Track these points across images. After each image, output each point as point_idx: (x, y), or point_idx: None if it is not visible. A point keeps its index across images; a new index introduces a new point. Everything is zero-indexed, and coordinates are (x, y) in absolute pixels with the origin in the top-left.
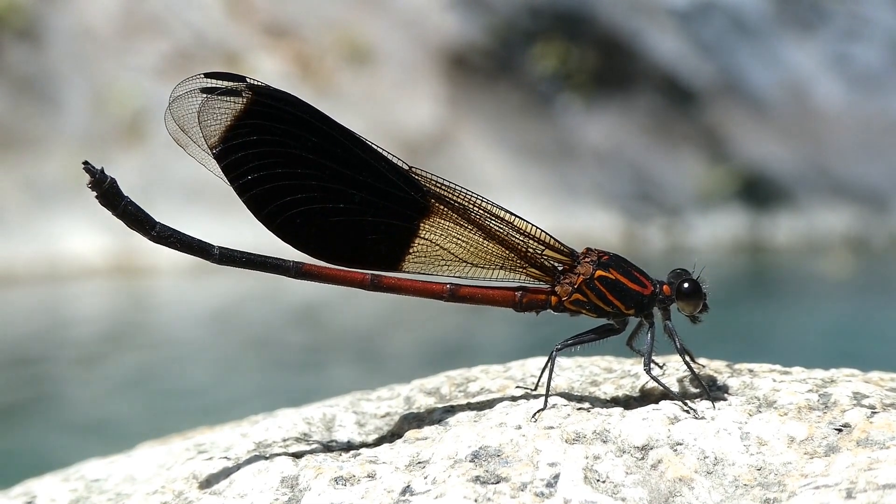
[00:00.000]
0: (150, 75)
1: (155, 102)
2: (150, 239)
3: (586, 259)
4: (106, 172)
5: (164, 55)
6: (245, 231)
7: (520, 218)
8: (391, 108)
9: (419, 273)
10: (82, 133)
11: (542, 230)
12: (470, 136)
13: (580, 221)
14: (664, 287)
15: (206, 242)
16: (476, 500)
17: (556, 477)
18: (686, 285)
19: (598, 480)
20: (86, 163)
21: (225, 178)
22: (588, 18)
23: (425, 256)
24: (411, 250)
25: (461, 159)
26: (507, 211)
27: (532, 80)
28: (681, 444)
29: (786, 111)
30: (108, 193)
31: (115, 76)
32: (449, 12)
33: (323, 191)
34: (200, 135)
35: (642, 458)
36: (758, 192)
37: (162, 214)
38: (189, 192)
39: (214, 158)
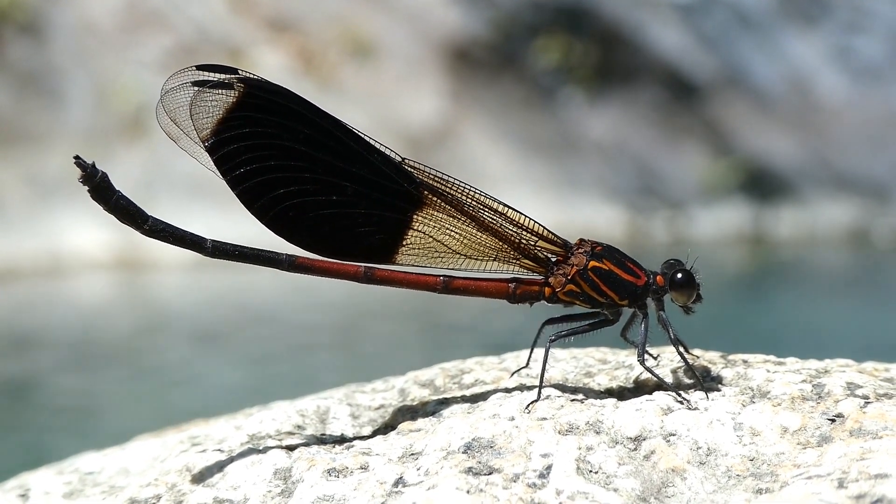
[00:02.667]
0: (153, 70)
1: (157, 97)
2: (142, 233)
3: (580, 250)
4: (97, 166)
5: (166, 50)
6: (247, 226)
7: (513, 209)
8: (394, 103)
9: (412, 265)
10: (85, 128)
11: (536, 221)
12: (473, 130)
13: (584, 215)
14: (657, 278)
15: (198, 236)
16: (468, 492)
17: (549, 468)
18: (679, 276)
19: (590, 471)
20: (77, 157)
21: (217, 172)
22: (590, 12)
23: (418, 248)
24: (404, 242)
25: (464, 153)
26: (500, 202)
27: (535, 73)
28: (674, 435)
29: (789, 104)
30: (100, 187)
31: (118, 71)
32: (451, 7)
33: (315, 183)
34: (192, 127)
35: (635, 449)
36: (761, 184)
37: (165, 209)
38: (192, 186)
39: (206, 151)
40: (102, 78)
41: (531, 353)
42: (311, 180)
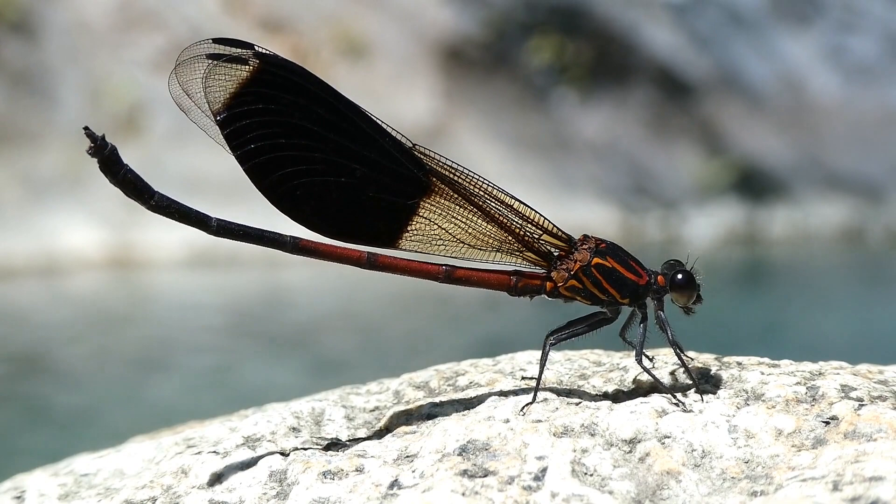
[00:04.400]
0: (147, 69)
1: (151, 96)
2: (148, 208)
3: (583, 246)
4: (107, 139)
5: (160, 49)
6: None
7: (520, 202)
8: (387, 102)
9: (416, 251)
10: (78, 127)
11: (542, 215)
12: (466, 129)
13: (577, 214)
14: (659, 277)
15: (203, 213)
16: (464, 494)
17: (544, 470)
18: (680, 276)
19: (585, 474)
20: (86, 128)
21: (227, 146)
22: (584, 11)
23: (423, 235)
24: (409, 228)
25: (457, 152)
26: (507, 194)
27: (528, 73)
28: (668, 438)
29: (781, 104)
30: (109, 160)
31: (111, 70)
32: (445, 6)
33: (325, 164)
34: (204, 100)
35: (630, 452)
36: (754, 184)
37: None
38: (186, 185)
39: (217, 125)
40: (95, 77)
41: (541, 371)
42: (321, 160)
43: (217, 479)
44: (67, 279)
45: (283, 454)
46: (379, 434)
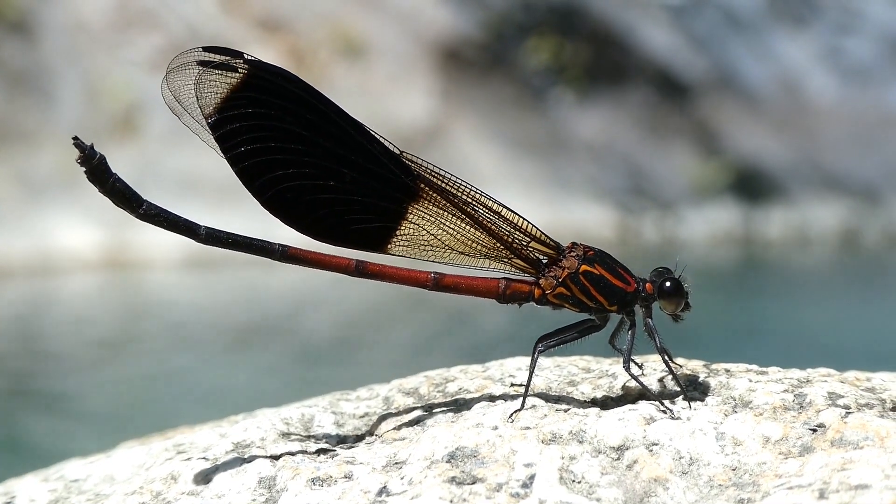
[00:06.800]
0: (144, 69)
1: (148, 96)
2: (137, 217)
3: (572, 253)
4: (95, 149)
5: (157, 48)
6: (236, 224)
7: (508, 209)
8: (385, 102)
9: (404, 257)
10: (75, 126)
11: (530, 222)
12: (463, 129)
13: (574, 215)
14: (647, 285)
15: (192, 222)
16: (452, 501)
17: (532, 477)
18: (668, 284)
19: (573, 481)
20: (75, 138)
21: (218, 150)
22: (581, 12)
23: (411, 240)
24: (398, 233)
25: (455, 153)
26: (495, 201)
27: (525, 73)
28: (656, 445)
29: (778, 105)
30: (97, 170)
31: (109, 69)
32: (442, 6)
33: (314, 167)
34: (196, 105)
35: (618, 459)
36: (750, 185)
37: None
38: (182, 185)
39: (208, 129)
40: (93, 76)
41: (530, 378)
42: (311, 164)
43: (206, 485)
44: (64, 279)
45: (273, 460)
46: (368, 440)
